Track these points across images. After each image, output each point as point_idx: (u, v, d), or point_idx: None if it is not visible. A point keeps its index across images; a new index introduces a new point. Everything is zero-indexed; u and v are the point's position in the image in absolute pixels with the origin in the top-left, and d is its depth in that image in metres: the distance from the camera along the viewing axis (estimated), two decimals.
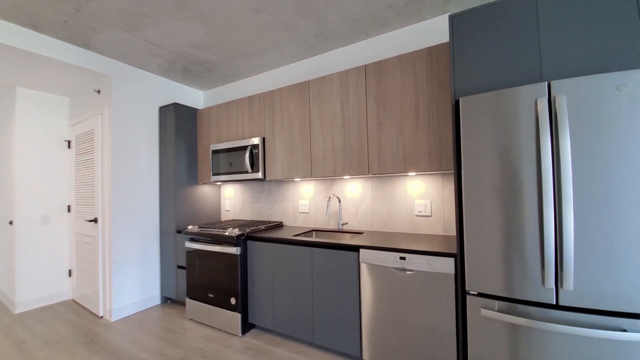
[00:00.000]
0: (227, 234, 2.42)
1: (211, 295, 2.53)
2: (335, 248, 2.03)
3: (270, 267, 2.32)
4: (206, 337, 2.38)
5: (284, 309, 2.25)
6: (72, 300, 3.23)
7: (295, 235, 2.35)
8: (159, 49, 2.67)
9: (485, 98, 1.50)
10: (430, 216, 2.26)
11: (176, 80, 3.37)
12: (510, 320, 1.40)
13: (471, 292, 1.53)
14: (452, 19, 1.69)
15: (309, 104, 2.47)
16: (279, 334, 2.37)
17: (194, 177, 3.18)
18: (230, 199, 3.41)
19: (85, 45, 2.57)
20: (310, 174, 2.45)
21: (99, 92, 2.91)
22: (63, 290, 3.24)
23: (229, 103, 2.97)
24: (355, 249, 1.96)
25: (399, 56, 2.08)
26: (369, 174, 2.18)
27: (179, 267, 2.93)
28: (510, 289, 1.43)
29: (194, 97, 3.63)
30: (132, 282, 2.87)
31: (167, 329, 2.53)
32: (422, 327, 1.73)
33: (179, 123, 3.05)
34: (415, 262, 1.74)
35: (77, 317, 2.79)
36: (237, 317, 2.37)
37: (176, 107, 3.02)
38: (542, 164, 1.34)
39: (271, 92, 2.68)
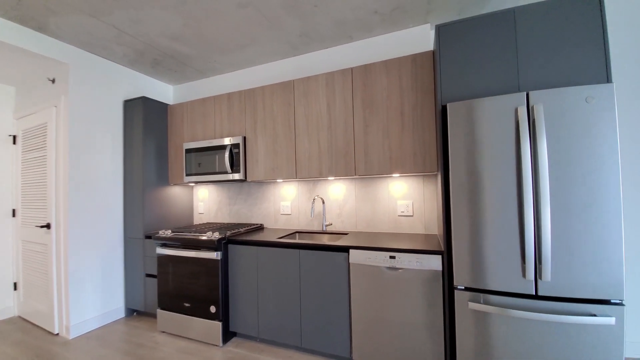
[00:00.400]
0: (206, 238, 2.29)
1: (187, 305, 2.37)
2: (325, 249, 2.02)
3: (255, 271, 2.24)
4: (183, 349, 2.22)
5: (270, 314, 2.18)
6: (19, 317, 2.81)
7: (279, 238, 2.29)
8: (128, 36, 2.45)
9: (471, 104, 1.60)
10: (412, 216, 2.34)
11: (143, 72, 3.12)
12: (495, 311, 1.50)
13: (459, 286, 1.61)
14: (439, 29, 1.78)
15: (293, 104, 2.43)
16: (263, 341, 2.29)
17: (164, 178, 2.96)
18: (204, 201, 3.23)
19: (41, 28, 2.27)
20: (295, 175, 2.41)
21: (53, 81, 2.58)
22: (7, 306, 2.81)
23: (205, 99, 2.82)
24: (345, 249, 1.97)
25: (385, 61, 2.13)
26: (355, 175, 2.21)
27: (148, 275, 2.70)
28: (494, 282, 1.53)
29: (163, 91, 3.39)
30: (92, 294, 2.58)
31: (136, 344, 2.31)
32: (411, 323, 1.79)
33: (147, 119, 2.82)
34: (405, 261, 1.80)
35: (27, 336, 2.43)
36: (217, 326, 2.24)
37: (145, 101, 2.79)
38: (522, 166, 1.46)
39: (252, 90, 2.59)
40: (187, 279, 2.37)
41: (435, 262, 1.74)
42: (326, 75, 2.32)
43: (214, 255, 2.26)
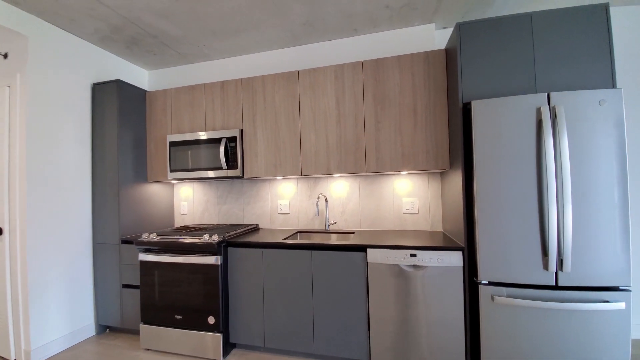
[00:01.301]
0: (204, 241, 2.05)
1: (179, 317, 2.11)
2: (340, 249, 1.93)
3: (260, 276, 2.06)
4: None
5: (278, 322, 2.03)
6: None
7: (285, 239, 2.15)
8: (105, 8, 2.09)
9: (496, 102, 1.63)
10: (417, 213, 2.36)
11: (115, 52, 2.71)
12: (520, 303, 1.55)
13: (482, 281, 1.64)
14: (460, 27, 1.79)
15: (298, 96, 2.29)
16: (268, 350, 2.12)
17: (141, 175, 2.61)
18: (188, 201, 2.92)
19: None
20: (300, 171, 2.28)
21: (5, 56, 2.11)
22: None
23: (193, 87, 2.54)
24: (362, 248, 1.90)
25: (398, 57, 2.11)
26: (366, 172, 2.15)
27: (125, 286, 2.35)
28: (517, 275, 1.58)
29: (137, 76, 2.99)
30: (57, 310, 2.17)
31: None
32: (431, 320, 1.78)
33: (123, 106, 2.45)
34: (426, 258, 1.79)
35: None
36: (217, 338, 2.03)
37: (120, 85, 2.42)
38: (544, 163, 1.53)
39: (251, 79, 2.40)
40: (178, 287, 2.11)
41: (456, 259, 1.75)
42: (335, 68, 2.22)
43: (213, 260, 2.04)
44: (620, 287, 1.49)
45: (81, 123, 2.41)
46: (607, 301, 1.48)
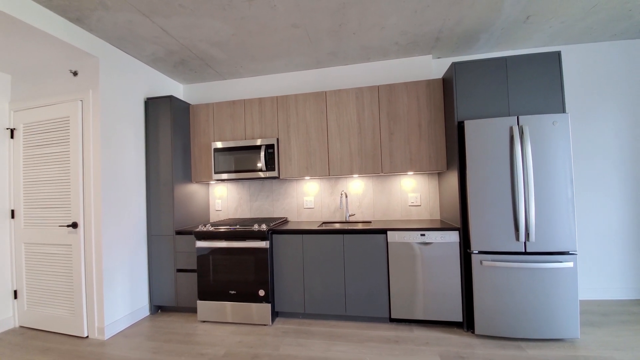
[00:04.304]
0: (255, 229, 2.52)
1: (233, 292, 2.55)
2: (366, 232, 2.48)
3: (300, 256, 2.56)
4: (236, 332, 2.41)
5: (315, 292, 2.53)
6: (21, 327, 2.53)
7: (320, 226, 2.66)
8: (169, 38, 2.52)
9: (481, 122, 2.26)
10: (420, 205, 2.96)
11: (161, 70, 3.11)
12: (500, 265, 2.17)
13: (474, 251, 2.25)
14: (455, 65, 2.41)
15: (326, 112, 2.83)
16: (307, 316, 2.61)
17: (187, 176, 3.01)
18: (222, 199, 3.34)
19: (78, 20, 2.21)
20: (328, 172, 2.80)
21: (75, 74, 2.47)
22: (6, 317, 2.50)
23: (234, 102, 3.00)
24: (383, 231, 2.46)
25: (406, 83, 2.71)
26: (382, 172, 2.72)
27: (180, 270, 2.75)
28: (498, 245, 2.20)
29: (174, 89, 3.38)
30: (122, 293, 2.53)
31: (184, 334, 2.40)
32: (436, 282, 2.37)
33: (175, 117, 2.86)
34: (432, 236, 2.38)
35: (49, 344, 2.27)
36: (267, 307, 2.49)
37: (173, 100, 2.83)
38: (516, 166, 2.17)
39: (285, 97, 2.90)
40: (233, 267, 2.55)
41: (454, 237, 2.36)
42: (356, 90, 2.78)
43: (263, 244, 2.51)
44: (570, 252, 2.14)
45: (136, 132, 2.79)
46: (560, 262, 2.14)
